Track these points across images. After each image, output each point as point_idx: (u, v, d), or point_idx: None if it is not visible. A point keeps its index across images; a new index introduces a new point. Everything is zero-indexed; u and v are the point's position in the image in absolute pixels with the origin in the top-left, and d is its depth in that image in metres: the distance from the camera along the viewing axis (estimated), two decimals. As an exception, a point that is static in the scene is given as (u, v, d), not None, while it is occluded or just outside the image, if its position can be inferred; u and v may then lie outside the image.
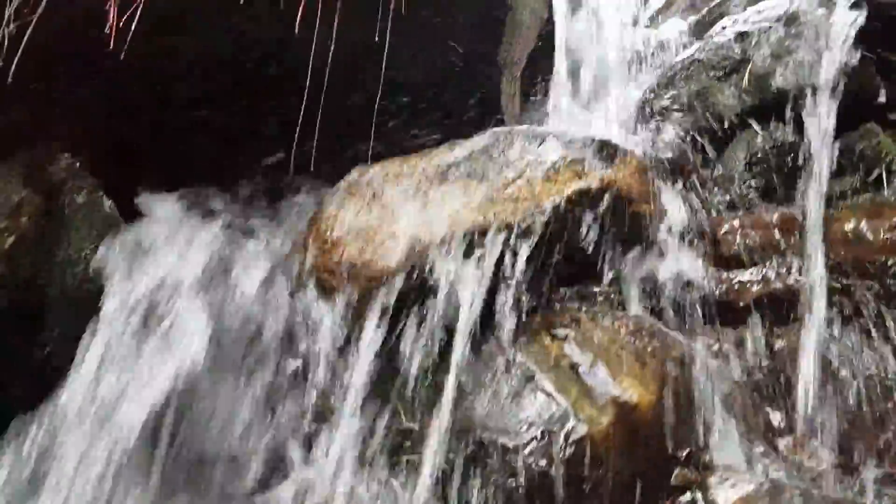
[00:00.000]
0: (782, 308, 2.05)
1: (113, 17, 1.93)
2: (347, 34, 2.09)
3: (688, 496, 1.69)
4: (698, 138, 2.42)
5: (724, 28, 2.60)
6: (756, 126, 2.31)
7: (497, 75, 2.58)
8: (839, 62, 2.21)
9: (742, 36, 2.45)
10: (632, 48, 3.05)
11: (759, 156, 2.28)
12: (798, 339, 2.00)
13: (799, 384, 1.93)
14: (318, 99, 2.14)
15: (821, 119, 2.14)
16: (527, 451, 1.56)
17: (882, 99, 2.36)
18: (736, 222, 2.17)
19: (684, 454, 1.73)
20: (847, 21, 2.27)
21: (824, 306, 1.98)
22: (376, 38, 1.97)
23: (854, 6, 2.30)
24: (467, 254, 1.77)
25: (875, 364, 1.96)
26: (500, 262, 1.78)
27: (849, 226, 2.03)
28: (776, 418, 2.00)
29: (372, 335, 1.79)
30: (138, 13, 1.93)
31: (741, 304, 2.10)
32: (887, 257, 1.94)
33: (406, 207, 1.89)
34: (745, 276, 2.13)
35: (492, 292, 1.78)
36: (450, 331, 1.75)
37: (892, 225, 1.95)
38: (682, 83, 2.49)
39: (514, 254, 1.77)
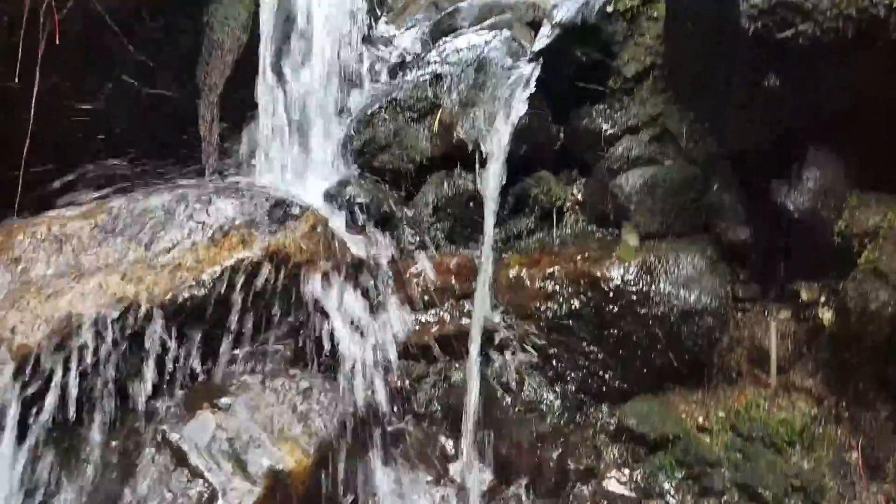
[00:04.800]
0: (456, 346, 2.23)
1: None
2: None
3: (351, 539, 1.83)
4: (394, 179, 2.50)
5: (428, 62, 2.67)
6: (443, 171, 2.44)
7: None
8: (517, 113, 2.36)
9: (437, 79, 2.57)
10: (359, 65, 3.03)
11: (444, 200, 2.44)
12: (468, 374, 2.18)
13: (466, 414, 2.13)
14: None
15: (494, 168, 2.30)
16: (171, 537, 1.59)
17: (559, 147, 2.58)
18: (420, 266, 2.32)
19: (349, 502, 1.84)
20: (526, 73, 2.43)
21: (481, 343, 2.16)
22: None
23: (533, 59, 2.46)
24: (122, 327, 1.66)
25: (532, 393, 2.21)
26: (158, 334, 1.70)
27: (513, 273, 2.28)
28: (449, 445, 2.19)
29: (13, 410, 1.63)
30: None
31: (423, 342, 2.26)
32: (541, 303, 2.17)
33: (55, 276, 1.72)
34: (427, 316, 2.29)
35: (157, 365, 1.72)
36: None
37: (545, 275, 2.20)
38: (381, 123, 2.55)
39: (172, 326, 1.70)
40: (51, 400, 1.64)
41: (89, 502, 1.62)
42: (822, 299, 1.90)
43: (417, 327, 2.27)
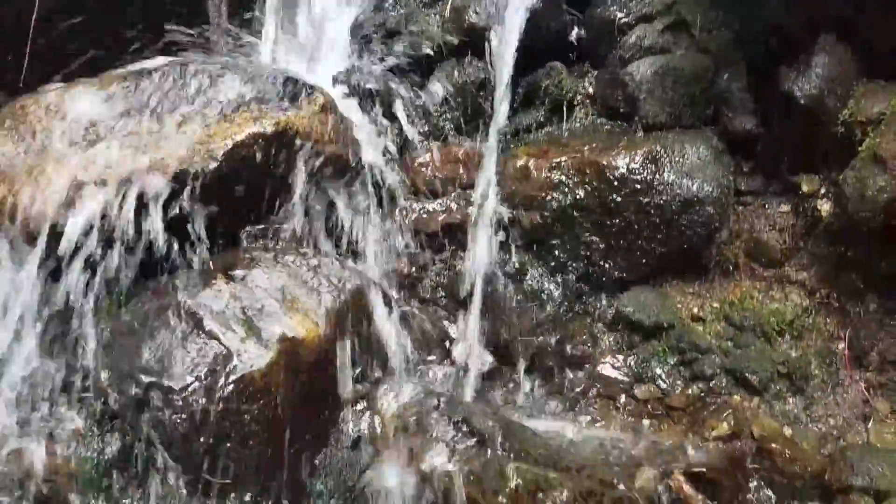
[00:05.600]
0: (462, 234, 2.29)
1: None
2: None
3: (359, 406, 1.92)
4: (405, 66, 2.48)
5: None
6: (454, 59, 2.42)
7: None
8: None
9: (450, -38, 2.47)
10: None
11: (454, 89, 2.42)
12: (472, 262, 2.25)
13: (470, 301, 2.21)
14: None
15: (505, 57, 2.28)
16: (189, 391, 1.65)
17: (573, 37, 2.54)
18: (428, 156, 2.35)
19: (357, 372, 1.94)
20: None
21: (492, 234, 2.23)
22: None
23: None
24: (136, 198, 1.73)
25: (533, 282, 2.28)
26: (170, 206, 1.77)
27: (520, 163, 2.29)
28: (452, 330, 2.28)
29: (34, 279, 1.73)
30: None
31: (429, 231, 2.33)
32: (546, 193, 2.21)
33: (69, 146, 1.77)
34: (434, 205, 2.34)
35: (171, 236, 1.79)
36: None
37: (552, 165, 2.22)
38: (392, 7, 2.51)
39: (184, 199, 1.76)
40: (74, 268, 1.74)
41: (112, 361, 1.72)
42: (822, 191, 1.93)
43: (424, 216, 2.32)
